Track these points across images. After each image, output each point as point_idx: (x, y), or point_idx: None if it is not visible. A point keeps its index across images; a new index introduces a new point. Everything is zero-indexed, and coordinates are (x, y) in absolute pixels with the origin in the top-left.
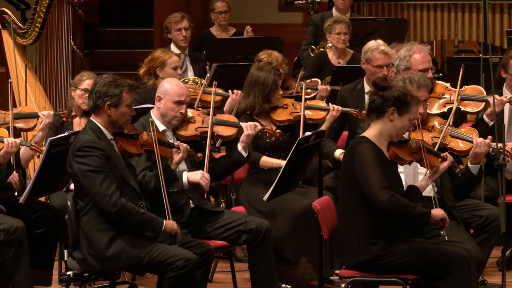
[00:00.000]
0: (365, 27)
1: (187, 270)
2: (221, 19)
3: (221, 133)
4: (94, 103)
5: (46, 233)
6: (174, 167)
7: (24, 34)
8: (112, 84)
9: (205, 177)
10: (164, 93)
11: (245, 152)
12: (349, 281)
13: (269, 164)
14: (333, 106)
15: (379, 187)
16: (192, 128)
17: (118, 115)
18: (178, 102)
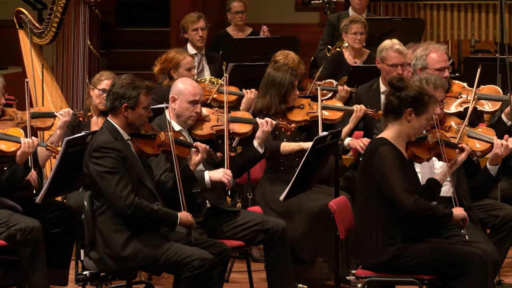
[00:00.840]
0: (381, 27)
1: (203, 270)
2: (237, 19)
3: (237, 130)
4: (112, 104)
5: (63, 232)
6: (193, 168)
7: (41, 34)
8: (130, 86)
9: (227, 174)
10: (178, 94)
11: (261, 148)
12: (365, 281)
13: (289, 148)
14: (357, 107)
15: (403, 190)
16: (208, 126)
17: (135, 117)
18: (192, 102)
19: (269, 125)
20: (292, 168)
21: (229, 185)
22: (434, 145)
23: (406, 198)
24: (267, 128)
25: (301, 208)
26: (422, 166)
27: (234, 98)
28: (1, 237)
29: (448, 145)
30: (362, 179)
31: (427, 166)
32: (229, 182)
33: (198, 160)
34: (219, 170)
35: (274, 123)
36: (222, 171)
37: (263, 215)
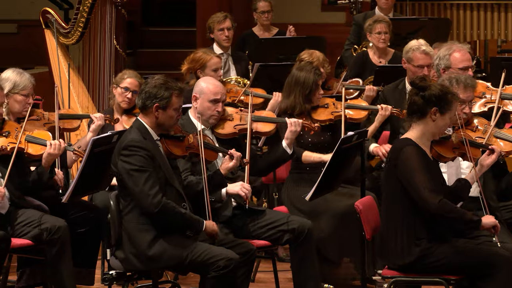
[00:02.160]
0: (407, 26)
1: (229, 269)
2: (263, 19)
3: (260, 130)
4: (143, 103)
5: (89, 232)
6: (224, 173)
7: (67, 34)
8: (163, 86)
9: (245, 188)
10: (200, 93)
11: (289, 149)
12: (391, 281)
13: (310, 158)
14: (382, 106)
15: (428, 191)
16: (230, 125)
17: (166, 118)
18: (214, 100)
19: (297, 125)
20: (318, 168)
21: (246, 199)
22: (459, 144)
23: (431, 198)
24: (295, 128)
25: (327, 208)
26: (448, 166)
27: (260, 101)
28: (27, 237)
29: (474, 145)
30: (387, 179)
31: (453, 166)
32: (247, 196)
33: (231, 166)
34: (237, 184)
35: (301, 122)
36: (240, 184)
37: (289, 215)
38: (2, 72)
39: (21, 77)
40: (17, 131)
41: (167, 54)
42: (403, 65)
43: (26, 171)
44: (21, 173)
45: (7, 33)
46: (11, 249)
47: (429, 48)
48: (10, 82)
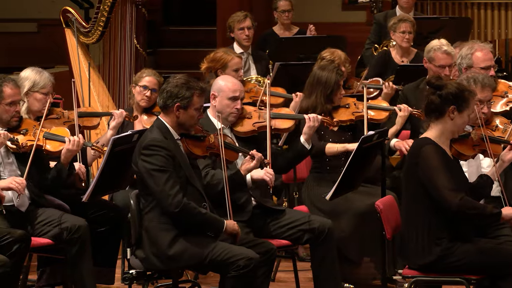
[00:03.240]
0: (428, 25)
1: (249, 269)
2: (284, 18)
3: (278, 126)
4: (164, 102)
5: (109, 231)
6: (245, 174)
7: (88, 33)
8: (184, 86)
9: (269, 173)
10: (219, 91)
11: (308, 144)
12: (412, 281)
13: (334, 149)
14: (401, 107)
15: (448, 189)
16: (249, 123)
17: (186, 117)
18: (232, 98)
19: (315, 121)
20: (338, 167)
21: (271, 183)
22: (479, 141)
23: (451, 197)
24: (313, 124)
25: (348, 207)
26: (469, 165)
27: (281, 101)
28: (47, 236)
29: (494, 141)
30: (407, 179)
31: (474, 165)
32: (271, 180)
33: (251, 167)
34: (260, 170)
35: (320, 118)
36: (264, 169)
37: (309, 215)
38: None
39: (41, 75)
40: (35, 128)
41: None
42: (424, 65)
43: (45, 169)
44: (40, 171)
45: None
46: (31, 248)
47: (451, 48)
48: (29, 81)
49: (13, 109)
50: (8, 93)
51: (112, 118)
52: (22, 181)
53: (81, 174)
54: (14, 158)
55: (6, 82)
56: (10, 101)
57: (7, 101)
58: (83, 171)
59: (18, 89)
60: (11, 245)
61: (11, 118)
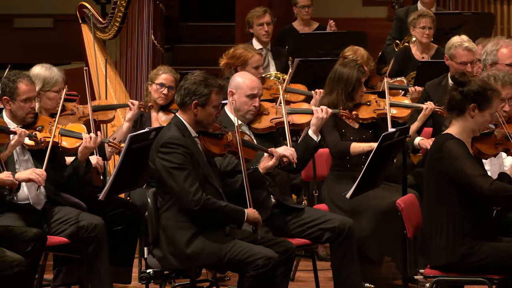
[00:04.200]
0: (450, 21)
1: (268, 268)
2: (304, 13)
3: (296, 121)
4: (182, 99)
5: (126, 230)
6: (263, 172)
7: (104, 28)
8: (202, 83)
9: (289, 149)
10: (236, 88)
11: (316, 136)
12: (433, 280)
13: (360, 149)
14: (426, 105)
15: (477, 175)
16: (267, 120)
17: (204, 115)
18: (251, 95)
19: (324, 112)
20: (358, 165)
21: (293, 159)
22: (502, 140)
23: (482, 182)
24: (321, 115)
25: (368, 206)
26: (491, 164)
27: (302, 98)
28: (64, 235)
29: None
30: (429, 176)
31: (496, 164)
32: (292, 156)
33: (270, 165)
34: (280, 147)
35: (330, 111)
36: (283, 147)
37: (329, 213)
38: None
39: (50, 72)
40: (51, 125)
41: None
42: (446, 62)
43: (62, 166)
44: (57, 169)
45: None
46: (47, 247)
47: (472, 44)
48: (39, 80)
49: (28, 105)
50: (23, 89)
51: (129, 109)
52: (42, 172)
53: (99, 168)
54: (30, 155)
55: (21, 78)
56: (25, 98)
57: (22, 98)
58: (101, 164)
59: (33, 86)
60: (27, 244)
61: (26, 115)
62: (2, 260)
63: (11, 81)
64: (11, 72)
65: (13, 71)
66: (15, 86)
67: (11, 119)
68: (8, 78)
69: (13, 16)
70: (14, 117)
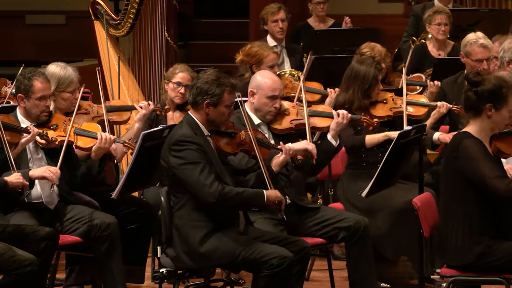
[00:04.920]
0: (467, 18)
1: (282, 268)
2: (319, 10)
3: (317, 125)
4: (194, 98)
5: (139, 229)
6: (275, 169)
7: (117, 25)
8: (215, 82)
9: (310, 144)
10: (257, 88)
11: (335, 141)
12: (450, 280)
13: (375, 140)
14: (441, 103)
15: (493, 177)
16: (287, 121)
17: (216, 114)
18: (271, 97)
19: (343, 118)
20: (374, 163)
21: (313, 154)
22: None
23: (498, 183)
24: (340, 120)
25: (384, 204)
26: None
27: (318, 97)
28: (76, 234)
29: None
30: (446, 174)
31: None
32: (314, 149)
33: (281, 161)
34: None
35: (349, 116)
36: (305, 141)
37: (345, 212)
38: (48, 65)
39: (65, 72)
40: (65, 124)
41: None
42: (462, 59)
43: (75, 165)
44: (70, 167)
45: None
46: (60, 246)
47: (488, 41)
48: (54, 80)
49: (43, 103)
50: (38, 87)
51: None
52: (56, 170)
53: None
54: (44, 154)
55: (36, 76)
56: (40, 96)
57: (37, 96)
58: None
59: (48, 84)
60: (39, 243)
61: (41, 113)
62: (14, 259)
63: (26, 79)
64: (27, 70)
65: (28, 68)
66: (30, 84)
67: (25, 117)
68: (23, 75)
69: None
70: (28, 115)
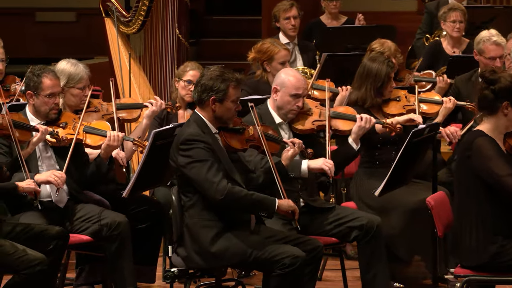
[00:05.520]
0: (482, 15)
1: (295, 268)
2: (331, 7)
3: (339, 127)
4: (199, 96)
5: (150, 228)
6: (286, 163)
7: (128, 22)
8: (219, 78)
9: (328, 162)
10: (281, 85)
11: (356, 144)
12: (464, 280)
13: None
14: (448, 98)
15: (506, 175)
16: (309, 121)
17: (223, 110)
18: (295, 95)
19: (366, 123)
20: (388, 162)
21: (330, 173)
22: None
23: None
24: (364, 125)
25: (397, 203)
26: None
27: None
28: (86, 233)
29: None
30: (460, 173)
31: None
32: (330, 170)
33: (291, 155)
34: (319, 159)
35: (373, 121)
36: (322, 159)
37: (357, 211)
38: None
39: (76, 69)
40: (75, 122)
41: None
42: (475, 57)
43: (85, 163)
44: (79, 166)
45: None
46: (70, 245)
47: (501, 38)
48: (64, 76)
49: (52, 101)
50: (47, 84)
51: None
52: (61, 174)
53: (119, 160)
54: (53, 152)
55: (45, 73)
56: (49, 93)
57: (46, 93)
58: (121, 156)
59: (57, 81)
60: (49, 242)
61: (50, 111)
62: (23, 259)
63: (35, 76)
64: (36, 67)
65: (38, 65)
66: (39, 81)
67: (34, 115)
68: (32, 72)
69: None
70: (37, 113)
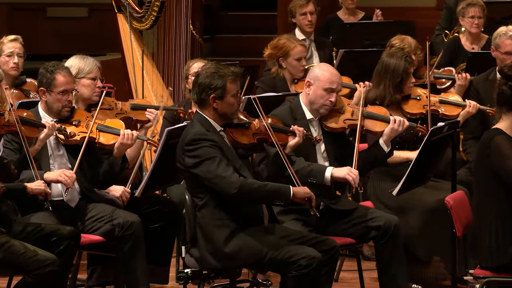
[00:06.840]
0: (502, 10)
1: (311, 269)
2: (349, 3)
3: (370, 128)
4: (199, 97)
5: (163, 228)
6: (288, 151)
7: (141, 18)
8: (215, 75)
9: (352, 172)
10: (314, 79)
11: (386, 146)
12: (484, 281)
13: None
14: (469, 103)
15: None
16: (341, 119)
17: (225, 106)
18: (328, 89)
19: (400, 125)
20: (406, 161)
21: (354, 183)
22: None
23: None
24: (396, 127)
25: (416, 203)
26: None
27: (347, 92)
28: (98, 233)
29: None
30: (479, 172)
31: None
32: (354, 181)
33: (294, 143)
34: (343, 168)
35: (406, 124)
36: (347, 168)
37: (375, 211)
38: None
39: (85, 61)
40: (88, 120)
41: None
42: (492, 53)
43: (97, 162)
44: (92, 164)
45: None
46: (81, 245)
47: None
48: (74, 69)
49: (65, 98)
50: (60, 81)
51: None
52: (71, 174)
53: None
54: (65, 150)
55: (59, 70)
56: (63, 90)
57: (59, 90)
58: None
59: (71, 77)
60: (60, 243)
61: (63, 108)
62: (34, 259)
63: (48, 72)
64: (49, 63)
65: (51, 62)
66: (52, 77)
67: (47, 112)
68: (46, 68)
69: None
70: (49, 110)
